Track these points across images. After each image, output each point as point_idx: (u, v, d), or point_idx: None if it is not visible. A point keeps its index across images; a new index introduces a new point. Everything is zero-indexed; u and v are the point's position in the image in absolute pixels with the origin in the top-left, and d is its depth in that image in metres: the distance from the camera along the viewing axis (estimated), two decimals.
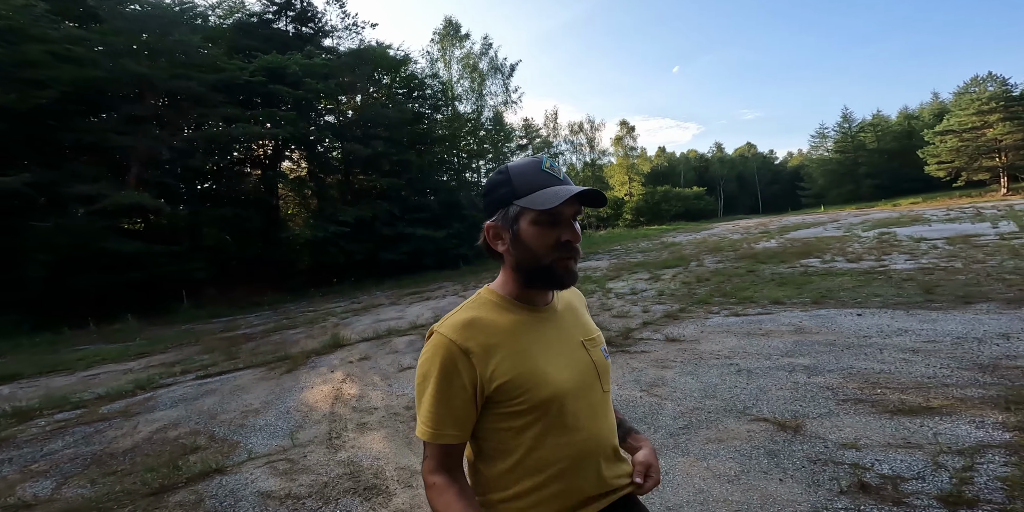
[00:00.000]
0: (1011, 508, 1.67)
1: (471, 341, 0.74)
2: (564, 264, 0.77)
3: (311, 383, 4.78)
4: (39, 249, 10.86)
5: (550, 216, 0.75)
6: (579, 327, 0.87)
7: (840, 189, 42.67)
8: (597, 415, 0.82)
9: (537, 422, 0.75)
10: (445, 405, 0.74)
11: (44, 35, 12.53)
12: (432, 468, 0.77)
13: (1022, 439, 2.14)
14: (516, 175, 0.78)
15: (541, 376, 0.76)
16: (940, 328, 3.98)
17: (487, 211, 0.82)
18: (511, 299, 0.81)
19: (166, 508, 2.53)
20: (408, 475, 2.66)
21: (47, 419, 4.43)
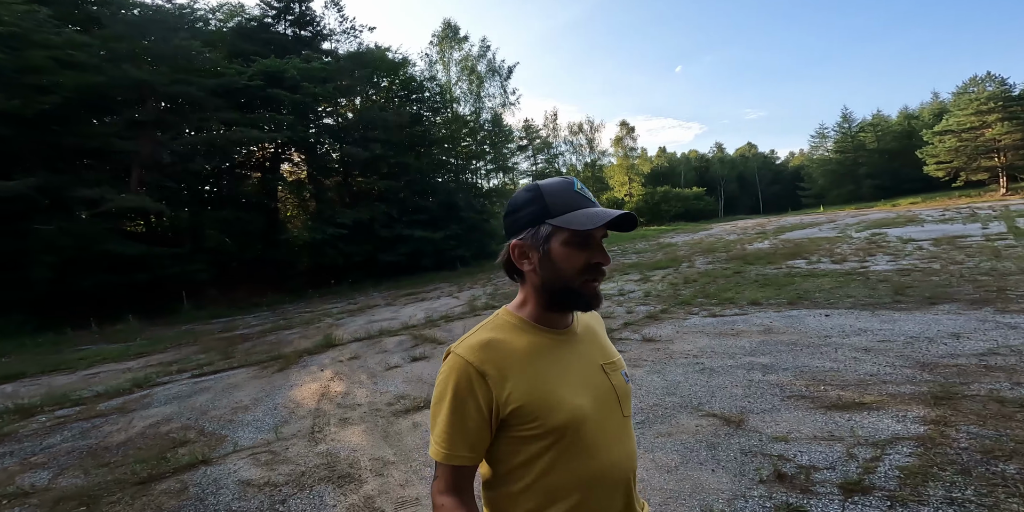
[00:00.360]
0: (899, 494, 1.84)
1: (487, 363, 0.74)
2: (591, 287, 0.76)
3: (301, 381, 4.98)
4: (43, 251, 11.13)
5: (582, 238, 0.74)
6: (598, 350, 0.86)
7: (840, 189, 42.64)
8: (617, 441, 0.79)
9: (552, 447, 0.74)
10: (459, 426, 0.73)
11: (47, 41, 12.78)
12: (442, 489, 0.75)
13: (934, 432, 2.31)
14: (549, 194, 0.76)
15: (557, 400, 0.74)
16: (898, 328, 4.14)
17: (512, 229, 0.80)
18: (530, 321, 0.80)
19: (152, 496, 2.73)
20: (381, 465, 2.85)
21: (47, 415, 4.64)
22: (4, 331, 9.74)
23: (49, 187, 11.90)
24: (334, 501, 2.48)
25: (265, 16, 17.91)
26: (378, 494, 2.51)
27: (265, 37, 17.00)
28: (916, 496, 1.83)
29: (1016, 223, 11.93)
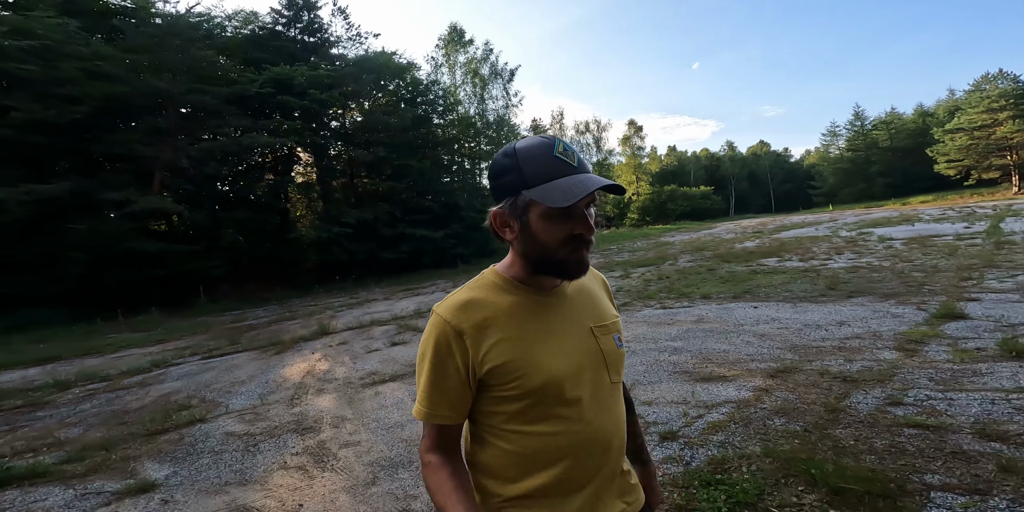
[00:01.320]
0: (693, 441, 2.42)
1: (466, 322, 0.72)
2: (576, 256, 0.73)
3: (292, 362, 5.73)
4: (76, 249, 12.20)
5: (563, 209, 0.69)
6: (591, 312, 0.82)
7: (851, 188, 42.12)
8: (602, 406, 0.77)
9: (531, 409, 0.72)
10: (439, 385, 0.73)
11: (77, 52, 13.81)
12: (428, 447, 0.76)
13: (753, 397, 2.89)
14: (525, 160, 0.71)
15: (536, 362, 0.72)
16: (803, 318, 4.67)
17: (494, 196, 0.76)
18: (514, 281, 0.78)
19: (156, 443, 3.47)
20: (339, 421, 3.54)
21: (80, 388, 5.48)
22: (42, 321, 10.80)
23: (80, 190, 12.97)
24: (294, 444, 3.18)
25: (276, 24, 18.84)
26: (329, 440, 3.20)
27: (276, 45, 17.94)
28: (703, 442, 2.42)
29: (1002, 223, 12.08)
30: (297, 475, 2.71)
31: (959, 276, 5.80)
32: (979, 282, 5.35)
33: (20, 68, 13.03)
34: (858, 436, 2.23)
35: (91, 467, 3.15)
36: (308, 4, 19.12)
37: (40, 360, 7.26)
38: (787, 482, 1.92)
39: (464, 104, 22.92)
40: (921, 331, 3.74)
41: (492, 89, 23.56)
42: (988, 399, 2.43)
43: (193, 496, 2.60)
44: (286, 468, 2.82)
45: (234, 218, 14.82)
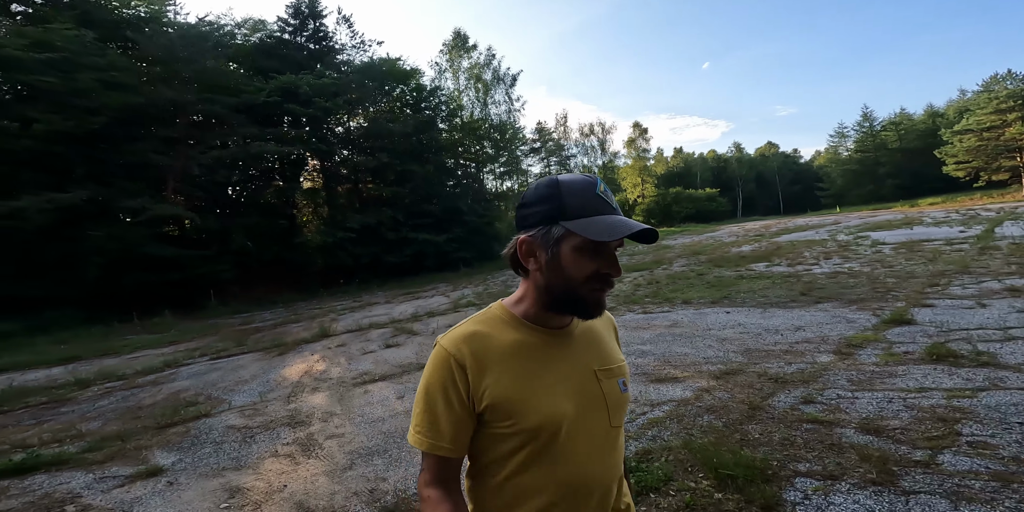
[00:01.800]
0: (631, 434, 2.73)
1: (468, 355, 0.73)
2: (596, 296, 0.73)
3: (292, 363, 6.14)
4: (94, 254, 12.82)
5: (596, 246, 0.70)
6: (596, 354, 0.81)
7: (860, 190, 41.78)
8: (597, 451, 0.76)
9: (524, 448, 0.72)
10: (442, 416, 0.73)
11: (93, 63, 14.39)
12: (427, 481, 0.75)
13: (694, 397, 3.19)
14: (568, 193, 0.71)
15: (534, 402, 0.72)
16: (766, 323, 4.94)
17: (523, 223, 0.76)
18: (520, 318, 0.78)
19: (165, 435, 3.87)
20: (328, 416, 3.91)
21: (99, 386, 5.94)
22: (62, 323, 11.39)
23: (97, 198, 13.62)
24: (286, 436, 3.56)
25: (283, 32, 19.40)
26: (318, 432, 3.57)
27: (283, 53, 18.53)
28: (638, 436, 2.73)
29: (999, 227, 12.13)
30: (285, 462, 3.08)
31: (928, 282, 6.02)
32: (944, 288, 5.57)
33: (41, 80, 13.68)
34: (764, 430, 2.53)
35: (108, 455, 3.55)
36: (314, 13, 19.69)
37: (62, 360, 7.77)
38: (691, 470, 2.24)
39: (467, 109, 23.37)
40: (864, 336, 4.01)
41: (495, 94, 24.02)
42: (887, 398, 2.72)
43: (194, 479, 2.98)
44: (276, 456, 3.20)
45: (243, 223, 15.42)
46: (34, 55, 13.31)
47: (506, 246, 0.78)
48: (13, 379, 6.50)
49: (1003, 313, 4.22)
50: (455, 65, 24.51)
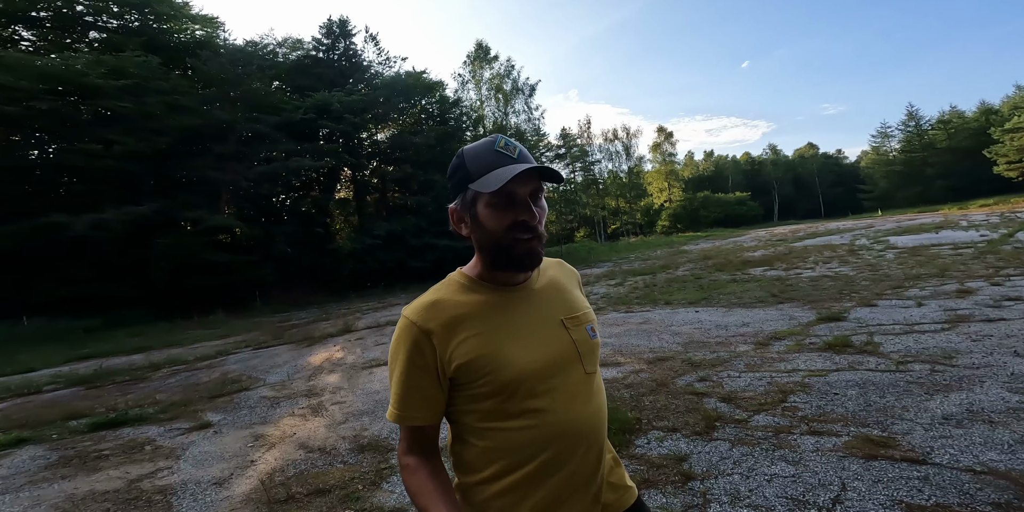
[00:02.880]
0: None
1: (432, 322, 0.73)
2: (524, 246, 0.74)
3: (317, 352, 7.20)
4: (161, 259, 14.67)
5: (503, 197, 0.72)
6: (561, 305, 0.83)
7: (906, 191, 39.67)
8: (577, 397, 0.77)
9: (503, 404, 0.73)
10: (410, 387, 0.74)
11: (159, 87, 16.39)
12: (405, 449, 0.77)
13: (624, 376, 3.88)
14: (470, 158, 0.75)
15: (505, 357, 0.73)
16: (721, 320, 5.50)
17: (451, 196, 0.80)
18: (478, 280, 0.79)
19: (216, 403, 4.93)
20: (336, 390, 4.86)
21: (167, 369, 7.21)
22: (136, 319, 13.19)
23: (164, 210, 15.53)
24: (302, 403, 4.52)
25: (318, 51, 21.02)
26: (327, 401, 4.52)
27: (317, 71, 20.21)
28: None
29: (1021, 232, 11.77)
30: (298, 419, 4.03)
31: (895, 284, 6.33)
32: (904, 290, 5.90)
33: (118, 105, 15.82)
34: (655, 399, 3.22)
35: (173, 415, 4.64)
36: (344, 32, 21.31)
37: (137, 349, 9.25)
38: None
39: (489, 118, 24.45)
40: (791, 331, 4.54)
41: (515, 103, 25.00)
42: (760, 377, 3.33)
43: (233, 430, 3.98)
44: (292, 415, 4.16)
45: (284, 231, 17.08)
46: (112, 82, 15.39)
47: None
48: (101, 363, 7.94)
49: (929, 311, 4.63)
50: (477, 76, 25.66)
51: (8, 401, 5.97)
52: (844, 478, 1.96)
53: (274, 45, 21.22)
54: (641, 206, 39.81)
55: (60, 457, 3.72)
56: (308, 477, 2.84)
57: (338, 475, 2.82)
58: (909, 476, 1.91)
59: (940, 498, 1.75)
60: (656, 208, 40.17)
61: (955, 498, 1.74)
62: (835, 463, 2.08)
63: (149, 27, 18.95)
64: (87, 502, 2.86)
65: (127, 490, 2.99)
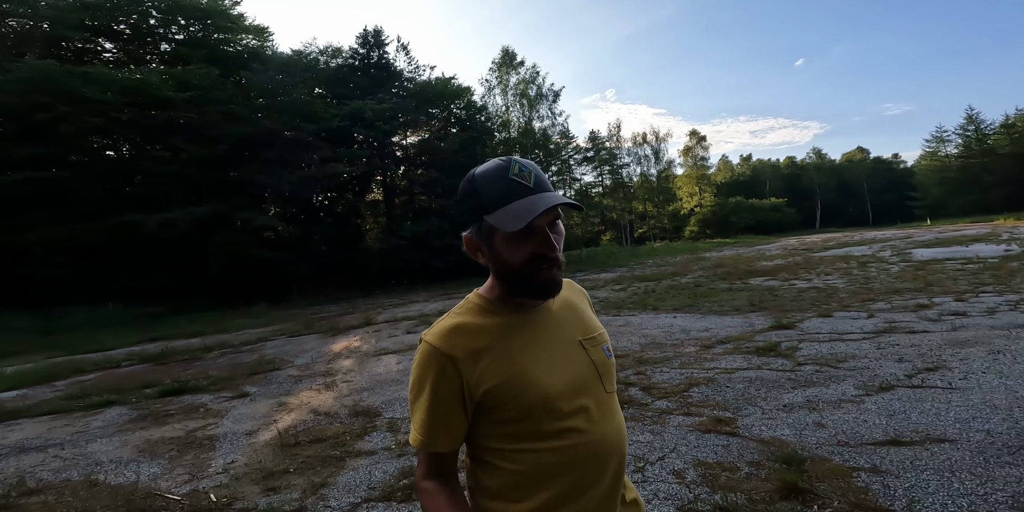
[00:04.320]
0: None
1: (456, 348, 0.73)
2: (545, 275, 0.74)
3: (339, 341, 8.27)
4: (216, 255, 16.44)
5: (522, 231, 0.71)
6: (578, 325, 0.84)
7: (962, 199, 37.14)
8: (601, 416, 0.78)
9: (532, 427, 0.73)
10: (436, 415, 0.74)
11: (218, 97, 18.16)
12: (424, 473, 0.77)
13: None
14: (483, 184, 0.74)
15: (530, 379, 0.73)
16: (690, 325, 6.06)
17: (463, 221, 0.80)
18: (498, 302, 0.79)
19: (252, 378, 6.00)
20: (348, 372, 5.82)
21: (218, 351, 8.48)
22: (194, 307, 14.93)
23: (219, 210, 17.32)
24: (320, 381, 5.51)
25: (354, 59, 22.44)
26: (339, 379, 5.48)
27: (352, 80, 21.67)
28: None
29: None
30: (313, 393, 5.00)
31: (868, 297, 6.64)
32: (872, 303, 6.24)
33: (184, 115, 17.78)
34: None
35: (221, 386, 5.73)
36: (378, 41, 22.73)
37: (194, 334, 10.71)
38: None
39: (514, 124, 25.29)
40: (741, 336, 5.08)
41: (540, 109, 25.71)
42: (684, 373, 3.95)
43: (264, 398, 4.99)
44: (310, 390, 5.13)
45: (320, 231, 18.62)
46: (180, 94, 17.33)
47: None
48: (167, 344, 9.36)
49: (870, 323, 5.04)
50: (503, 81, 26.49)
51: (96, 373, 7.35)
52: (678, 445, 2.63)
53: (316, 53, 22.80)
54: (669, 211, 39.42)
55: (138, 414, 4.84)
56: (312, 431, 3.76)
57: (334, 430, 3.72)
58: (718, 444, 2.56)
59: (723, 457, 2.40)
60: (685, 213, 39.60)
61: (733, 457, 2.39)
62: (682, 435, 2.75)
63: (209, 39, 20.91)
64: (159, 444, 3.89)
65: (186, 437, 4.01)
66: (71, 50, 19.33)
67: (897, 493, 1.95)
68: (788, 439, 2.53)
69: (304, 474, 2.93)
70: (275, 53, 21.44)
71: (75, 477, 3.19)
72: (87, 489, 2.98)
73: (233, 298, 16.04)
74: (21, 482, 3.11)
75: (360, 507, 2.46)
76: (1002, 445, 2.21)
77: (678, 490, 2.19)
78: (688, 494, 2.14)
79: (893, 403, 2.89)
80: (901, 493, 1.94)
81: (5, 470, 3.40)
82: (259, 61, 20.00)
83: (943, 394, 2.96)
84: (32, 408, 5.16)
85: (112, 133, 18.01)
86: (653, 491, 2.21)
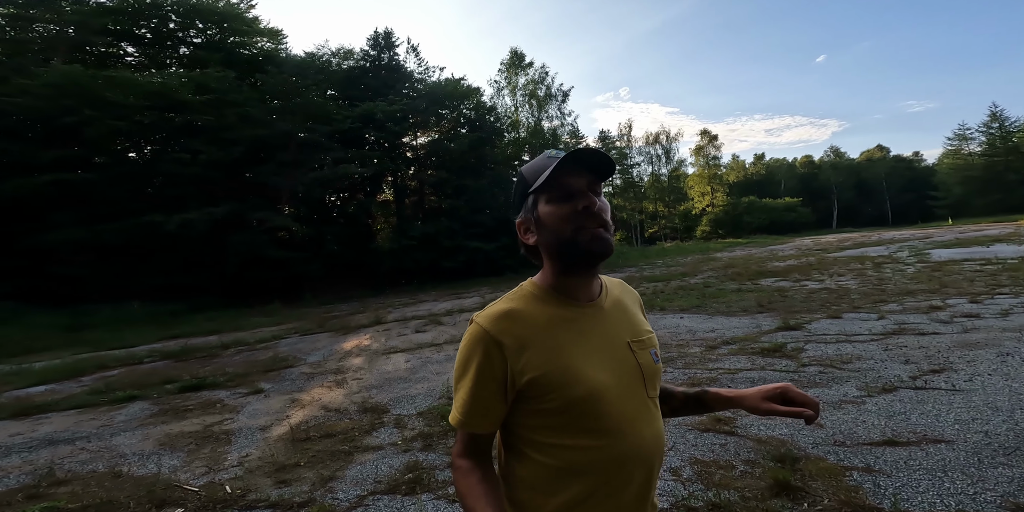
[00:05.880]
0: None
1: (505, 333, 0.74)
2: (589, 233, 0.75)
3: (350, 339, 8.44)
4: (232, 254, 16.82)
5: (560, 190, 0.75)
6: (627, 327, 0.83)
7: (985, 199, 36.12)
8: (640, 420, 0.76)
9: (571, 422, 0.73)
10: (477, 396, 0.75)
11: (234, 100, 18.51)
12: (460, 451, 0.79)
13: None
14: (527, 171, 0.81)
15: (575, 373, 0.72)
16: (697, 326, 6.06)
17: (516, 211, 0.85)
18: (552, 292, 0.80)
19: (268, 375, 6.19)
20: (357, 370, 5.96)
21: (234, 348, 8.70)
22: (211, 306, 15.30)
23: (235, 211, 17.68)
24: (331, 377, 5.65)
25: (366, 61, 22.71)
26: (349, 377, 5.62)
27: (364, 81, 21.90)
28: None
29: None
30: (324, 389, 5.14)
31: (879, 298, 6.56)
32: (884, 304, 6.17)
33: (203, 118, 18.20)
34: None
35: (237, 383, 5.92)
36: (388, 43, 22.96)
37: (212, 331, 11.00)
38: None
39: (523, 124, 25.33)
40: (747, 336, 5.07)
41: (548, 109, 25.69)
42: (686, 373, 3.98)
43: (277, 394, 5.15)
44: (321, 387, 5.28)
45: (332, 231, 18.90)
46: (198, 97, 17.73)
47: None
48: (186, 342, 9.65)
49: (880, 324, 4.99)
50: (512, 82, 26.54)
51: (119, 369, 7.63)
52: (676, 443, 2.68)
53: (328, 55, 23.09)
54: (680, 210, 39.03)
55: (159, 409, 5.03)
56: (323, 426, 3.88)
57: (344, 426, 3.84)
58: (716, 442, 2.60)
59: (719, 455, 2.45)
60: (696, 213, 39.16)
61: (729, 456, 2.43)
62: (681, 433, 2.79)
63: (226, 42, 21.32)
64: (178, 437, 4.05)
65: (203, 431, 4.17)
66: (95, 55, 19.91)
67: (887, 492, 1.98)
68: (785, 438, 2.56)
69: (314, 467, 3.04)
70: (289, 55, 21.78)
71: (100, 469, 3.36)
72: (111, 480, 3.14)
73: (249, 297, 16.40)
74: (51, 473, 3.29)
75: (366, 499, 2.56)
76: (998, 446, 2.22)
77: (673, 487, 2.24)
78: (683, 491, 2.19)
79: (894, 404, 2.90)
80: (891, 492, 1.97)
81: (36, 461, 3.58)
82: (273, 64, 20.33)
83: (946, 396, 2.95)
84: (60, 402, 5.39)
85: (134, 136, 18.52)
86: None
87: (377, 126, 19.16)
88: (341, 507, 2.51)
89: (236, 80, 18.92)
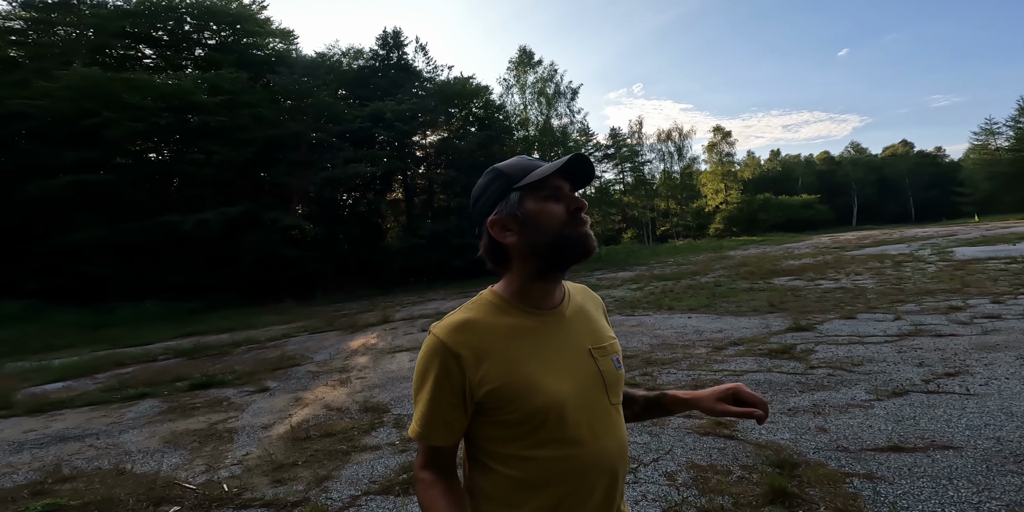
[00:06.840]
0: None
1: (463, 345, 0.73)
2: (579, 231, 0.76)
3: (357, 338, 8.50)
4: (246, 253, 17.10)
5: (553, 191, 0.75)
6: (589, 334, 0.82)
7: (1015, 194, 34.74)
8: (602, 428, 0.76)
9: (531, 433, 0.73)
10: (435, 409, 0.74)
11: (247, 101, 18.78)
12: (422, 464, 0.78)
13: None
14: (507, 168, 0.79)
15: (534, 384, 0.72)
16: (704, 326, 5.94)
17: (482, 213, 0.81)
18: (512, 301, 0.79)
19: (276, 373, 6.26)
20: (362, 368, 5.99)
21: (245, 346, 8.85)
22: (225, 304, 15.60)
23: (249, 211, 17.98)
24: (336, 376, 5.69)
25: (375, 61, 22.81)
26: (352, 375, 5.65)
27: (373, 81, 22.01)
28: None
29: None
30: (328, 388, 5.18)
31: (896, 299, 6.35)
32: (901, 304, 5.97)
33: (217, 119, 18.50)
34: None
35: (245, 381, 6.00)
36: (397, 42, 23.05)
37: (225, 329, 11.20)
38: None
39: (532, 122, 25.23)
40: (755, 337, 4.95)
41: (558, 107, 25.55)
42: (690, 374, 3.89)
43: (282, 393, 5.20)
44: (325, 385, 5.32)
45: (343, 230, 19.10)
46: (212, 99, 18.04)
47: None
48: (199, 340, 9.84)
49: (896, 325, 4.82)
50: (521, 80, 26.42)
51: (134, 366, 7.81)
52: (674, 446, 2.61)
53: (338, 55, 23.26)
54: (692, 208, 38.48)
55: (168, 406, 5.12)
56: (324, 425, 3.91)
57: (344, 425, 3.86)
58: (714, 447, 2.53)
59: (717, 460, 2.38)
60: (710, 210, 38.53)
61: (727, 461, 2.36)
62: (680, 437, 2.73)
63: (239, 43, 21.65)
64: (184, 435, 4.11)
65: (208, 429, 4.23)
66: (113, 57, 20.40)
67: (886, 499, 1.90)
68: (785, 443, 2.48)
69: (311, 467, 3.06)
70: (300, 56, 22.03)
71: (105, 466, 3.43)
72: (114, 477, 3.20)
73: (262, 295, 16.67)
74: (57, 469, 3.37)
75: (359, 499, 2.56)
76: (1009, 453, 2.11)
77: (667, 492, 2.18)
78: (676, 496, 2.13)
79: (903, 408, 2.79)
80: (890, 500, 1.89)
81: (44, 458, 3.68)
82: (285, 64, 20.57)
83: (958, 400, 2.83)
84: (75, 399, 5.53)
85: (152, 137, 18.93)
86: (642, 492, 2.21)
87: (387, 125, 19.28)
88: (334, 507, 2.51)
89: (249, 81, 19.21)
